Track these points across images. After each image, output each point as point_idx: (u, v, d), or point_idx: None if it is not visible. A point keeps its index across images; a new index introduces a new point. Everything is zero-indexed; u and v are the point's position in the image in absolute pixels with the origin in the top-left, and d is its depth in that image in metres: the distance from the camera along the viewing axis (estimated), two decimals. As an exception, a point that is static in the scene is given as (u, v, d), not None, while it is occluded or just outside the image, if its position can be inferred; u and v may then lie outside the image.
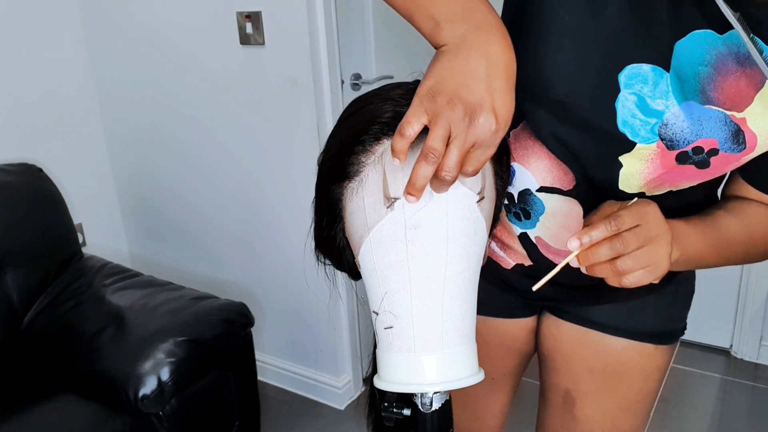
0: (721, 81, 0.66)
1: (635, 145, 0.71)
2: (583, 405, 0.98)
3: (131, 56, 2.17)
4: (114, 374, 1.51)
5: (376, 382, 0.67)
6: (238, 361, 1.73)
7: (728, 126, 0.68)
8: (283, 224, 2.06)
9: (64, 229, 1.89)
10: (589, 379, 0.97)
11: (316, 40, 1.82)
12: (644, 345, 0.93)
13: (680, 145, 0.70)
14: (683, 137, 0.69)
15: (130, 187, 2.41)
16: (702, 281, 1.01)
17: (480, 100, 0.56)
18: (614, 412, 0.98)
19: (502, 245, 0.90)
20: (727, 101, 0.67)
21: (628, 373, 0.95)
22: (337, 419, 2.15)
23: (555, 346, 0.99)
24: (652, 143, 0.70)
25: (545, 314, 1.00)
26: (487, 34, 0.58)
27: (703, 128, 0.68)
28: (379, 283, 0.65)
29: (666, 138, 0.70)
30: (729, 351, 2.45)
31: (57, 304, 1.76)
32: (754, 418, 2.13)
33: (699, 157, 0.71)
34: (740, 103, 0.67)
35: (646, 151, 0.71)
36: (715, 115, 0.68)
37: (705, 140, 0.69)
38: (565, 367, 0.99)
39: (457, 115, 0.56)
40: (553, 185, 0.79)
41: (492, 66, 0.57)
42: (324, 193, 0.69)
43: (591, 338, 0.94)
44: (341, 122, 0.71)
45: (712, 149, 0.70)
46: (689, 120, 0.68)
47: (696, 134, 0.69)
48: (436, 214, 0.63)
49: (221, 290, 1.89)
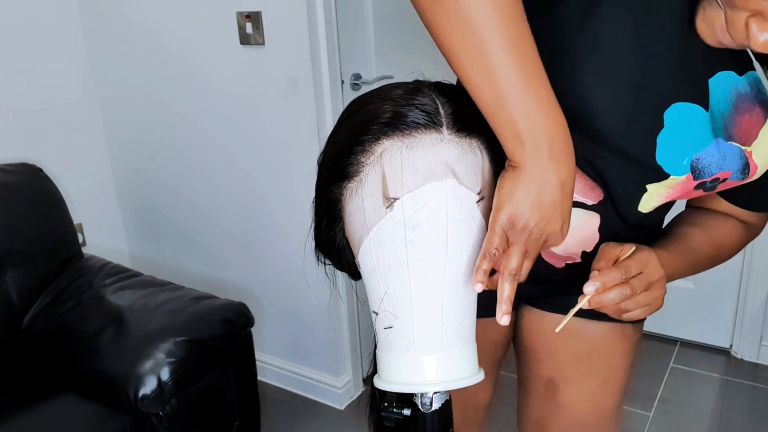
0: (739, 118, 0.73)
1: (669, 176, 0.75)
2: (566, 390, 1.00)
3: (131, 56, 2.17)
4: (114, 374, 1.51)
5: (376, 382, 0.67)
6: (238, 361, 1.73)
7: (742, 159, 0.75)
8: (283, 224, 2.06)
9: (64, 229, 1.89)
10: (574, 366, 0.98)
11: (316, 40, 1.82)
12: (624, 326, 0.96)
13: (705, 176, 0.76)
14: (709, 171, 0.75)
15: (130, 187, 2.41)
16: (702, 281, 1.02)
17: (556, 229, 0.64)
18: (595, 393, 1.00)
19: None
20: (743, 137, 0.74)
21: (609, 354, 0.98)
22: (337, 419, 2.15)
23: (537, 337, 1.00)
24: (684, 175, 0.75)
25: (525, 307, 1.01)
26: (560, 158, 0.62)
27: (726, 162, 0.75)
28: (379, 283, 0.65)
29: (695, 171, 0.75)
30: (729, 351, 2.45)
31: (57, 304, 1.76)
32: (754, 418, 2.13)
33: (713, 185, 0.77)
34: (750, 138, 0.74)
35: (675, 181, 0.76)
36: (735, 150, 0.74)
37: (724, 172, 0.75)
38: (548, 356, 1.00)
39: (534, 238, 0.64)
40: (578, 199, 0.82)
41: (565, 194, 0.63)
42: (323, 193, 0.69)
43: (575, 326, 0.96)
44: (340, 122, 0.71)
45: (725, 178, 0.76)
46: (717, 155, 0.74)
47: (719, 167, 0.75)
48: (435, 214, 0.63)
49: (221, 290, 1.89)
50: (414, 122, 0.63)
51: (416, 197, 0.63)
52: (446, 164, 0.63)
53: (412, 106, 0.63)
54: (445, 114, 0.64)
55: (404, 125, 0.63)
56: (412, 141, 0.63)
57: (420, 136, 0.63)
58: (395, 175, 0.62)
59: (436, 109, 0.64)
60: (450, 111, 0.64)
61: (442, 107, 0.64)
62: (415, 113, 0.63)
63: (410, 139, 0.63)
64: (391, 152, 0.63)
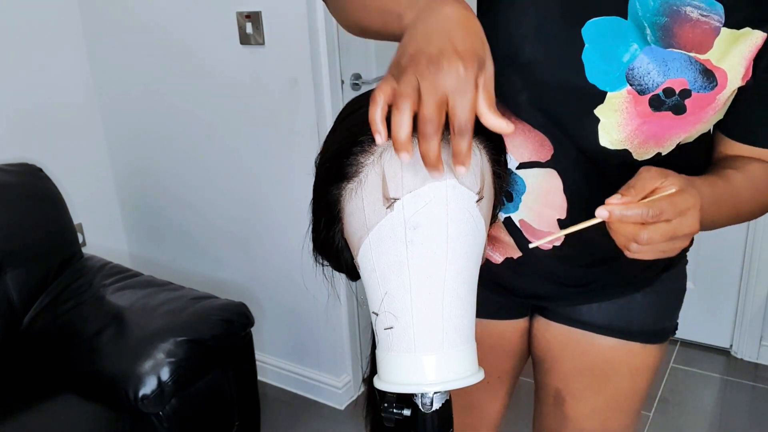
0: (678, 29, 0.70)
1: (606, 95, 0.73)
2: (572, 404, 0.99)
3: (131, 56, 2.17)
4: (114, 374, 1.51)
5: (376, 383, 0.67)
6: (238, 361, 1.73)
7: (694, 65, 0.71)
8: (283, 224, 2.06)
9: (64, 229, 1.89)
10: (578, 379, 0.97)
11: (316, 40, 1.82)
12: (632, 344, 0.93)
13: (650, 88, 0.72)
14: (651, 79, 0.72)
15: (130, 187, 2.41)
16: (702, 281, 1.01)
17: (440, 48, 0.54)
18: (603, 411, 0.98)
19: (490, 239, 0.91)
20: (687, 45, 0.71)
21: (615, 372, 0.96)
22: (337, 419, 2.15)
23: (545, 347, 1.00)
24: (622, 89, 0.73)
25: (536, 317, 1.01)
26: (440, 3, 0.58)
27: (669, 69, 0.71)
28: (379, 284, 0.65)
29: (635, 82, 0.72)
30: (729, 351, 2.45)
31: (57, 304, 1.76)
32: (754, 418, 2.13)
33: (672, 101, 0.72)
34: (700, 48, 0.70)
35: (618, 100, 0.74)
36: (678, 56, 0.71)
37: (674, 80, 0.71)
38: (555, 367, 1.00)
39: (422, 67, 0.53)
40: (531, 159, 0.81)
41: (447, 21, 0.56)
42: (322, 194, 0.69)
43: (579, 338, 0.95)
44: (338, 123, 0.71)
45: (683, 90, 0.72)
46: (654, 62, 0.71)
47: (663, 75, 0.71)
48: (435, 214, 0.63)
49: (221, 290, 1.89)
50: (413, 122, 0.63)
51: (416, 197, 0.62)
52: (446, 164, 0.63)
53: (411, 106, 0.63)
54: (444, 113, 0.64)
55: (404, 125, 0.63)
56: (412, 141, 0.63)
57: (420, 135, 0.63)
58: (395, 176, 0.62)
59: (435, 108, 0.63)
60: (449, 111, 0.64)
61: (442, 107, 0.64)
62: (414, 113, 0.63)
63: (410, 139, 0.63)
64: (391, 152, 0.63)
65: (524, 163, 0.82)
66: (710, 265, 2.32)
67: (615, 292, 0.92)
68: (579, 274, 0.91)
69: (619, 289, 0.92)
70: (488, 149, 0.67)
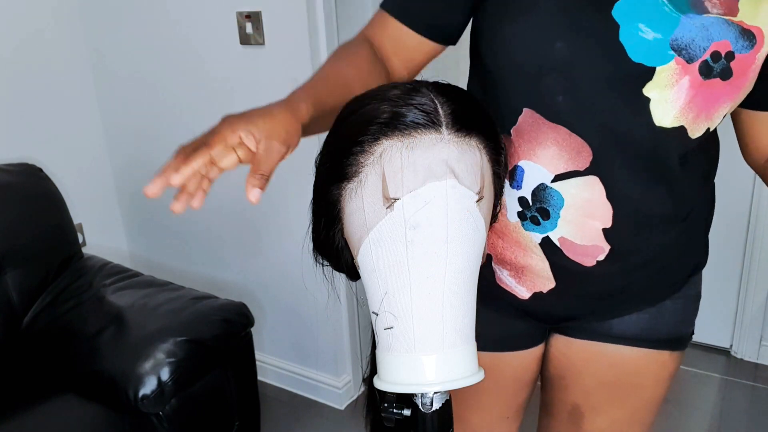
0: None
1: (655, 70, 0.72)
2: (592, 418, 0.97)
3: (131, 56, 2.17)
4: (114, 374, 1.51)
5: (377, 383, 0.67)
6: (238, 361, 1.72)
7: (732, 27, 0.70)
8: (284, 224, 2.06)
9: (64, 229, 1.89)
10: (600, 393, 0.95)
11: (316, 40, 1.82)
12: (660, 353, 0.92)
13: (698, 54, 0.71)
14: (697, 45, 0.70)
15: (130, 187, 2.41)
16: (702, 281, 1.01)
17: None
18: (622, 423, 0.97)
19: (516, 274, 0.88)
20: (721, 8, 0.71)
21: (641, 382, 0.94)
22: (337, 419, 2.15)
23: (565, 365, 0.97)
24: (671, 61, 0.71)
25: (553, 336, 0.98)
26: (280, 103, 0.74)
27: (711, 33, 0.70)
28: (379, 284, 0.65)
29: (682, 51, 0.71)
30: (729, 351, 2.45)
31: (57, 304, 1.76)
32: (754, 418, 2.13)
33: (719, 65, 0.72)
34: (730, 11, 0.71)
35: (668, 73, 0.72)
36: (715, 20, 0.70)
37: (718, 43, 0.71)
38: (575, 383, 0.97)
39: None
40: (567, 170, 0.78)
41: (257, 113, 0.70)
42: (322, 194, 0.69)
43: (605, 352, 0.93)
44: (338, 123, 0.71)
45: (728, 52, 0.71)
46: (695, 29, 0.70)
47: (707, 39, 0.70)
48: (435, 215, 0.63)
49: (221, 290, 1.89)
50: (413, 122, 0.63)
51: (416, 197, 0.62)
52: (446, 164, 0.63)
53: (410, 106, 0.63)
54: (444, 114, 0.64)
55: (403, 125, 0.63)
56: (412, 141, 0.63)
57: (419, 136, 0.63)
58: (395, 176, 0.62)
59: (435, 108, 0.64)
60: (449, 111, 0.64)
61: (441, 107, 0.64)
62: (414, 113, 0.63)
63: (410, 139, 0.63)
64: (391, 152, 0.63)
65: (560, 174, 0.78)
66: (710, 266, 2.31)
67: (647, 299, 0.90)
68: (617, 285, 0.87)
69: (653, 296, 0.91)
70: (488, 149, 0.67)
